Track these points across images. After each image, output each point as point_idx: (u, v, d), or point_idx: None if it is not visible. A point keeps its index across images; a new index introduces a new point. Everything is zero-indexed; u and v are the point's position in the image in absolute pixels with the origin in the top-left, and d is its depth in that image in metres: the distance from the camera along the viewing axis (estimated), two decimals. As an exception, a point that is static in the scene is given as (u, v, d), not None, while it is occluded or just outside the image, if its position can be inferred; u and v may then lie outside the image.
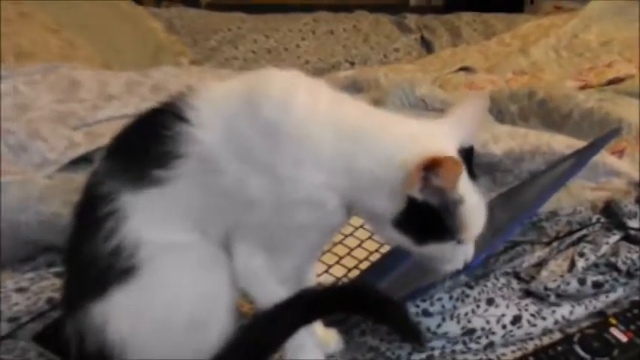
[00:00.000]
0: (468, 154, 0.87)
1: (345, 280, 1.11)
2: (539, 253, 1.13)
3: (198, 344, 0.93)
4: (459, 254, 0.88)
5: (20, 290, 1.14)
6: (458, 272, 1.00)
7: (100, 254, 0.91)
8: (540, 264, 1.11)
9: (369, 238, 1.18)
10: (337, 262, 1.14)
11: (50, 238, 1.21)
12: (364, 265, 1.14)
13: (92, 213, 0.92)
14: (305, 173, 0.84)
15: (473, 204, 0.85)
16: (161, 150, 0.89)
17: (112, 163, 0.93)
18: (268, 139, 0.85)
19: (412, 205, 0.83)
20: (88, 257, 0.92)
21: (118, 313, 0.92)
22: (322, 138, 0.85)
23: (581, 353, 0.96)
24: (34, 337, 1.06)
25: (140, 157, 0.91)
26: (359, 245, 1.18)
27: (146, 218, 0.91)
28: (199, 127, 0.88)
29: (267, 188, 0.85)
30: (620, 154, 1.33)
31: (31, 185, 1.24)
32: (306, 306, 0.90)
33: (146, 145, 0.91)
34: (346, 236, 1.18)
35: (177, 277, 0.93)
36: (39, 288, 1.15)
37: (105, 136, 1.34)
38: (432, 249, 0.86)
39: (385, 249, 1.16)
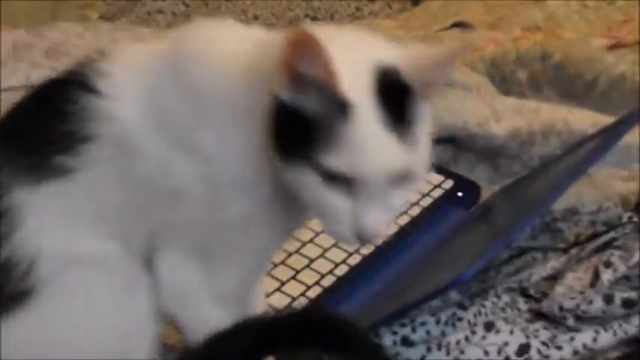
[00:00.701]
0: (390, 77, 0.81)
1: (302, 300, 1.12)
2: (553, 262, 1.14)
3: None
4: (343, 208, 0.80)
5: None
6: (446, 288, 1.02)
7: None
8: (555, 277, 1.11)
9: (334, 245, 1.19)
10: (293, 277, 1.15)
11: None
12: (327, 281, 1.15)
13: None
14: (234, 147, 0.84)
15: (370, 128, 0.78)
16: (64, 130, 0.88)
17: (1, 150, 0.92)
18: (193, 107, 0.85)
19: (281, 113, 0.79)
20: None
21: (6, 349, 0.91)
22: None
23: None
24: None
25: (37, 142, 0.91)
26: (321, 255, 1.18)
27: (46, 221, 0.90)
28: (112, 99, 0.88)
29: (194, 172, 0.85)
30: None
31: None
32: (252, 339, 0.89)
33: (44, 126, 0.90)
34: (304, 244, 1.19)
35: (86, 302, 0.93)
36: None
37: None
38: (305, 189, 0.81)
39: (355, 260, 1.17)
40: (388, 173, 0.77)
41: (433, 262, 1.14)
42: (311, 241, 1.19)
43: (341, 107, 0.76)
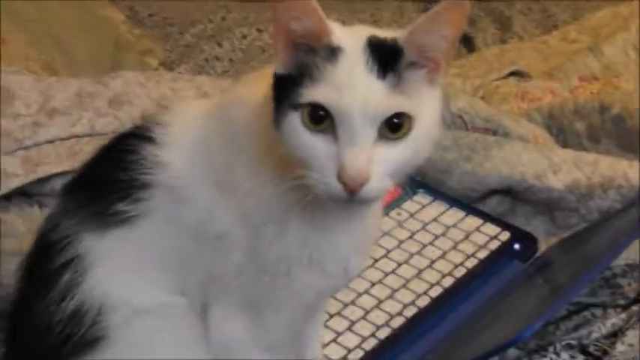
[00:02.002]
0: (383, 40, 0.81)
1: (359, 352, 1.12)
2: (614, 319, 1.13)
3: None
4: (327, 153, 0.80)
5: None
6: (504, 347, 1.02)
7: (53, 319, 0.91)
8: (615, 334, 1.11)
9: (390, 297, 1.19)
10: (348, 329, 1.14)
11: None
12: (383, 333, 1.14)
13: (45, 265, 0.92)
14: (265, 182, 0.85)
15: (355, 68, 0.79)
16: (125, 179, 0.90)
17: (70, 200, 0.94)
18: (231, 146, 0.87)
19: (278, 85, 0.82)
20: (37, 323, 0.92)
21: None
22: None
23: None
24: None
25: (103, 190, 0.92)
26: (376, 306, 1.18)
27: (113, 269, 0.91)
28: (165, 147, 0.90)
29: (233, 213, 0.86)
30: None
31: None
32: None
33: (109, 175, 0.92)
34: (360, 294, 1.19)
35: (152, 352, 0.93)
36: None
37: (48, 163, 1.37)
38: (294, 137, 0.81)
39: (411, 312, 1.17)
40: (368, 111, 0.77)
41: (490, 317, 1.13)
42: (366, 292, 1.19)
43: (330, 53, 0.78)
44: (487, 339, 1.04)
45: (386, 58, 0.79)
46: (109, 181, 0.91)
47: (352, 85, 0.77)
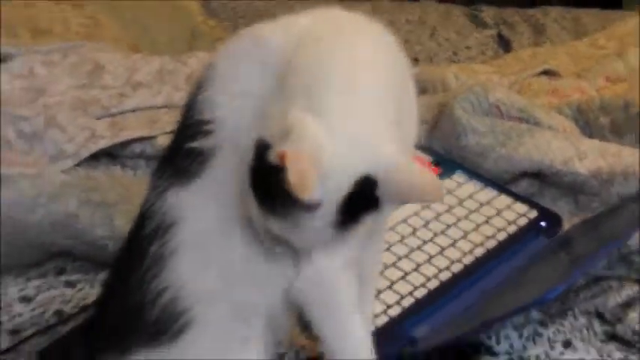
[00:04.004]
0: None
1: (384, 317, 1.10)
2: (628, 291, 1.13)
3: None
4: None
5: (24, 300, 1.18)
6: (528, 306, 1.03)
7: (144, 296, 0.89)
8: (629, 304, 1.11)
9: (427, 262, 1.19)
10: (389, 287, 1.14)
11: (63, 242, 1.24)
12: (420, 293, 1.14)
13: (138, 233, 0.91)
14: None
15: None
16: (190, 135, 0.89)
17: (156, 175, 0.92)
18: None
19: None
20: (127, 290, 0.91)
21: None
22: None
23: None
24: (38, 353, 1.09)
25: (175, 152, 0.91)
26: (415, 269, 1.17)
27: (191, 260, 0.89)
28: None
29: None
30: None
31: (44, 180, 1.26)
32: None
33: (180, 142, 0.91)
34: (400, 258, 1.19)
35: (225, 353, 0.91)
36: (46, 298, 1.18)
37: (131, 128, 1.39)
38: None
39: (445, 276, 1.17)
40: None
41: (516, 284, 1.13)
42: (406, 256, 1.18)
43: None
44: (514, 301, 1.05)
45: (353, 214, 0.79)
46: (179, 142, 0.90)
47: None
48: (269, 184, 0.75)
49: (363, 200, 0.78)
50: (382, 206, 0.79)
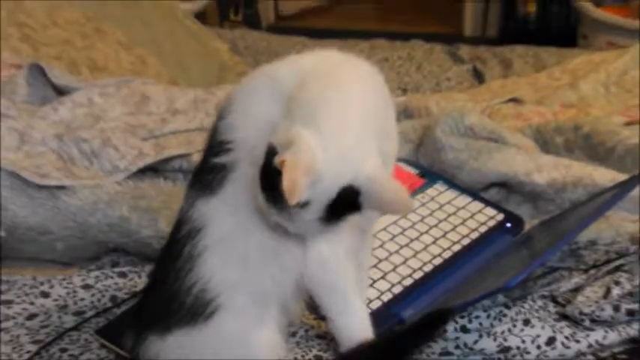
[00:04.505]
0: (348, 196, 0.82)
1: (377, 302, 1.11)
2: (577, 279, 1.13)
3: None
4: None
5: (86, 287, 1.19)
6: (495, 292, 1.03)
7: (179, 287, 0.90)
8: (577, 289, 1.11)
9: (413, 257, 1.19)
10: (371, 285, 1.13)
11: (116, 240, 1.26)
12: (407, 282, 1.15)
13: (175, 237, 0.92)
14: None
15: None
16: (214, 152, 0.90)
17: (189, 189, 0.94)
18: None
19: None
20: (166, 282, 0.92)
21: (172, 354, 0.92)
22: None
23: None
24: (97, 330, 1.10)
25: (203, 167, 0.92)
26: (403, 263, 1.18)
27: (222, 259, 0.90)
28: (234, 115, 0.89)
29: None
30: None
31: (101, 190, 1.28)
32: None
33: (206, 162, 0.92)
34: (391, 254, 1.19)
35: (248, 333, 0.92)
36: (103, 286, 1.19)
37: (171, 147, 1.40)
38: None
39: (428, 268, 1.18)
40: None
41: (485, 274, 1.14)
42: (396, 252, 1.19)
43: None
44: (484, 287, 1.05)
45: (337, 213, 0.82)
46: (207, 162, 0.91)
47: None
48: (272, 183, 0.78)
49: (346, 204, 0.81)
50: (364, 210, 0.82)
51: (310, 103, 0.82)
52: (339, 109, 0.82)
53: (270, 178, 0.79)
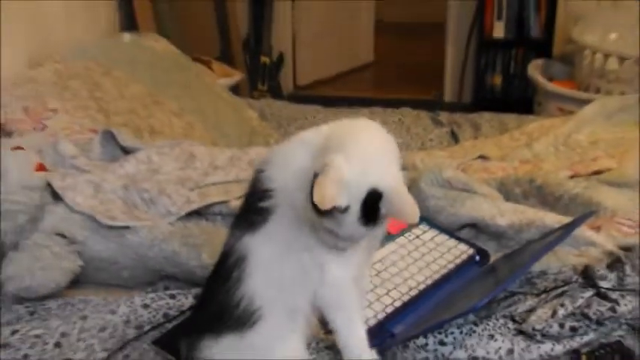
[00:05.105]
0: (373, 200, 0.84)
1: (373, 320, 1.11)
2: (530, 302, 1.13)
3: None
4: None
5: (144, 306, 1.19)
6: (466, 313, 1.04)
7: (227, 301, 0.91)
8: (531, 310, 1.11)
9: (402, 284, 1.18)
10: (377, 300, 1.14)
11: (168, 270, 1.27)
12: (398, 303, 1.15)
13: (224, 263, 0.94)
14: None
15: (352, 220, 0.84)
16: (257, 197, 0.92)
17: (234, 226, 0.95)
18: None
19: None
20: (218, 298, 0.92)
21: (221, 355, 0.92)
22: None
23: None
24: (153, 341, 1.11)
25: (248, 209, 0.94)
26: (386, 294, 1.16)
27: (261, 269, 0.91)
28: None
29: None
30: (597, 229, 1.32)
31: (158, 230, 1.30)
32: None
33: (250, 202, 0.94)
34: (384, 281, 1.18)
35: (283, 341, 0.93)
36: (158, 305, 1.19)
37: (212, 196, 1.41)
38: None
39: (414, 292, 1.17)
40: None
41: (459, 297, 1.14)
42: (388, 279, 1.19)
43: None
44: (457, 309, 1.06)
45: (370, 214, 0.84)
46: (250, 204, 0.94)
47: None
48: None
49: (374, 207, 0.83)
50: (384, 216, 0.84)
51: (339, 139, 0.86)
52: (361, 140, 0.86)
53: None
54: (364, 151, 0.84)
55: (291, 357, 0.93)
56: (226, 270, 0.93)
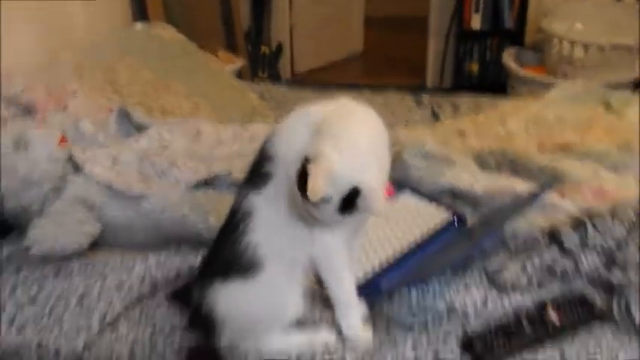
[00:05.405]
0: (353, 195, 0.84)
1: (372, 272, 1.11)
2: (502, 258, 1.14)
3: (274, 328, 0.96)
4: None
5: (158, 265, 1.20)
6: (444, 269, 1.06)
7: (234, 249, 0.93)
8: (503, 264, 1.12)
9: (391, 242, 1.18)
10: (374, 253, 1.15)
11: (179, 232, 1.27)
12: (389, 261, 1.14)
13: (232, 218, 0.95)
14: None
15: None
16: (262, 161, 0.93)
17: (241, 186, 0.96)
18: None
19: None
20: (226, 247, 0.94)
21: (228, 298, 0.94)
22: None
23: (527, 328, 1.00)
24: (166, 296, 1.13)
25: (254, 172, 0.95)
26: (390, 244, 1.17)
27: (264, 221, 0.92)
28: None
29: None
30: (562, 196, 1.31)
31: (168, 197, 1.29)
32: None
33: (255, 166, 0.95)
34: (382, 239, 1.18)
35: (282, 288, 0.94)
36: (170, 264, 1.20)
37: (218, 167, 1.40)
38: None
39: (404, 250, 1.17)
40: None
41: (439, 256, 1.15)
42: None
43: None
44: (437, 266, 1.09)
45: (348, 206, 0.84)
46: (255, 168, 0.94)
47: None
48: (305, 184, 0.81)
49: (352, 201, 0.83)
50: (358, 210, 0.84)
51: (333, 128, 0.86)
52: (356, 133, 0.86)
53: (302, 181, 0.82)
54: (356, 146, 0.85)
55: (289, 303, 0.94)
56: (234, 223, 0.94)
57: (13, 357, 1.07)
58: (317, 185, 0.80)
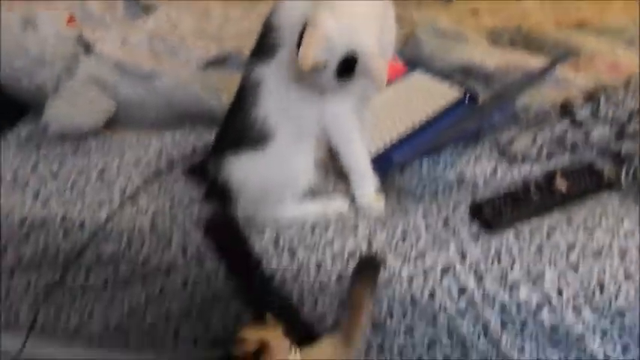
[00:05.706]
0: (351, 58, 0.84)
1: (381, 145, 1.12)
2: (514, 131, 1.14)
3: (287, 197, 0.98)
4: None
5: (173, 142, 1.21)
6: (457, 139, 1.05)
7: (244, 121, 0.93)
8: (514, 136, 1.12)
9: (402, 117, 1.18)
10: (388, 129, 1.15)
11: (192, 110, 1.27)
12: (406, 132, 1.15)
13: (243, 89, 0.95)
14: None
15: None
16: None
17: (251, 56, 0.96)
18: None
19: None
20: (237, 120, 0.95)
21: (241, 168, 0.96)
22: None
23: (535, 196, 1.01)
24: (183, 171, 1.15)
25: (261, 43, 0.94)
26: (403, 119, 1.17)
27: (274, 93, 0.92)
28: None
29: None
30: (576, 69, 1.31)
31: (180, 75, 1.28)
32: None
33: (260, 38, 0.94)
34: (395, 115, 1.18)
35: (293, 158, 0.95)
36: (185, 141, 1.21)
37: (228, 46, 1.38)
38: None
39: (416, 125, 1.17)
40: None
41: (450, 131, 1.15)
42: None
43: None
44: (450, 136, 1.10)
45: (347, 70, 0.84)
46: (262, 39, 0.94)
47: None
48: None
49: (348, 67, 0.83)
50: (357, 76, 0.84)
51: None
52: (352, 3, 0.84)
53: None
54: (353, 12, 0.83)
55: (301, 172, 0.96)
56: (244, 96, 0.94)
57: (39, 229, 1.10)
58: (307, 51, 0.79)
